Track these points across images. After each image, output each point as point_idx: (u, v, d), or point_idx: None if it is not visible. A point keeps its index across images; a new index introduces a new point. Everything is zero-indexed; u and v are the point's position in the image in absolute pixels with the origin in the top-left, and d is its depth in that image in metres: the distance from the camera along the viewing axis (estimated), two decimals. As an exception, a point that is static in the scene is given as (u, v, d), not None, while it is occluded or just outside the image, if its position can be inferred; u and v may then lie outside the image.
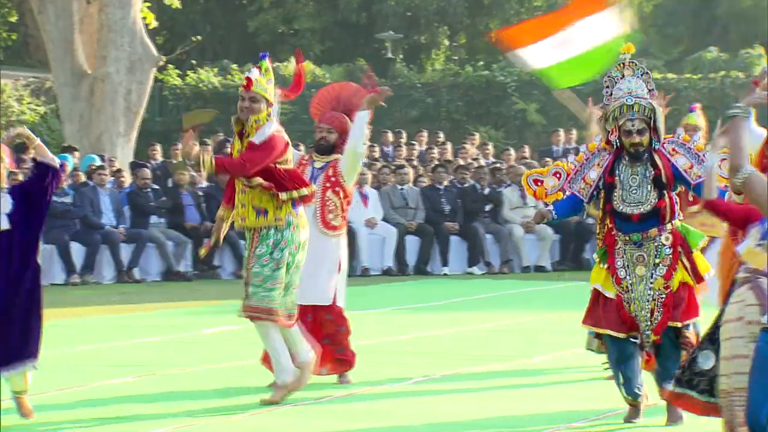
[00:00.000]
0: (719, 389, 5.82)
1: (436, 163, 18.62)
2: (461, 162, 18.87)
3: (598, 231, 7.46)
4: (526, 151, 20.54)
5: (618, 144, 7.11)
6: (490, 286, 15.70)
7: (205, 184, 17.33)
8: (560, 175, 7.56)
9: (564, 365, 9.39)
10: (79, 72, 19.96)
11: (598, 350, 8.76)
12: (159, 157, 18.97)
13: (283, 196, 7.74)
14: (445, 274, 17.25)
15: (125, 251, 16.32)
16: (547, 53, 8.65)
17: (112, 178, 17.09)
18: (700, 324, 7.08)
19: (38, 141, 7.21)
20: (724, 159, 6.60)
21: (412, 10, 31.15)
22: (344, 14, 31.33)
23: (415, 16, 31.18)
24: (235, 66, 27.58)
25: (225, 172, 7.99)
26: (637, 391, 7.06)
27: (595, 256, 7.37)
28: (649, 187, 7.01)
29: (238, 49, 31.47)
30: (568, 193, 7.36)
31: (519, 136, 25.36)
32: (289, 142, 8.04)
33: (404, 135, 20.98)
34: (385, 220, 17.71)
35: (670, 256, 7.04)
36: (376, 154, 19.75)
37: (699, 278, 7.15)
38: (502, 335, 11.28)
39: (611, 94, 7.12)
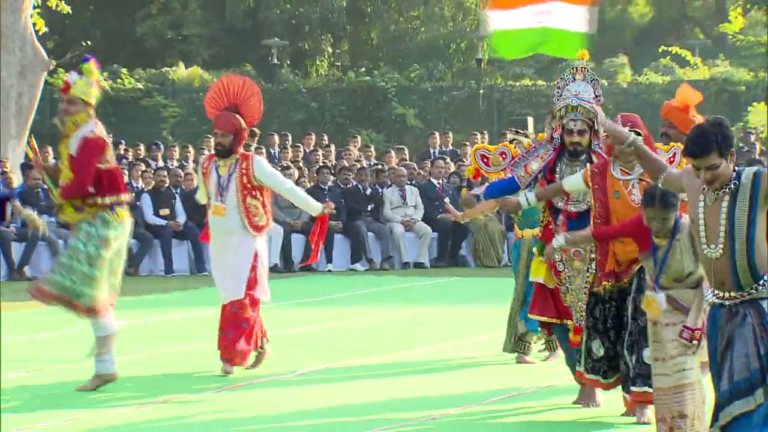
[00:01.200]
0: (655, 387, 6.08)
1: (321, 164, 18.61)
2: (345, 163, 18.90)
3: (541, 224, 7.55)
4: (406, 153, 20.66)
5: (560, 142, 7.17)
6: (371, 281, 15.75)
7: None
8: (506, 156, 7.69)
9: (442, 357, 9.47)
10: (-29, 74, 19.52)
11: (512, 351, 8.92)
12: (50, 158, 18.63)
13: (104, 200, 7.76)
14: (330, 271, 17.25)
15: (17, 250, 15.99)
16: (512, 19, 8.75)
17: (1, 177, 16.78)
18: None
19: None
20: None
21: (297, 18, 31.09)
22: (231, 21, 31.13)
23: (300, 23, 31.13)
24: (125, 70, 27.24)
25: (72, 197, 7.81)
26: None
27: (534, 249, 7.44)
28: None
29: (127, 54, 31.05)
30: (509, 175, 7.41)
31: (399, 138, 25.50)
32: (108, 142, 7.97)
33: (290, 137, 20.94)
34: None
35: None
36: (263, 156, 19.67)
37: None
38: (384, 328, 11.32)
39: (561, 95, 7.17)
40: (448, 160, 19.22)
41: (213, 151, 8.67)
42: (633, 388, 6.58)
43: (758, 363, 4.91)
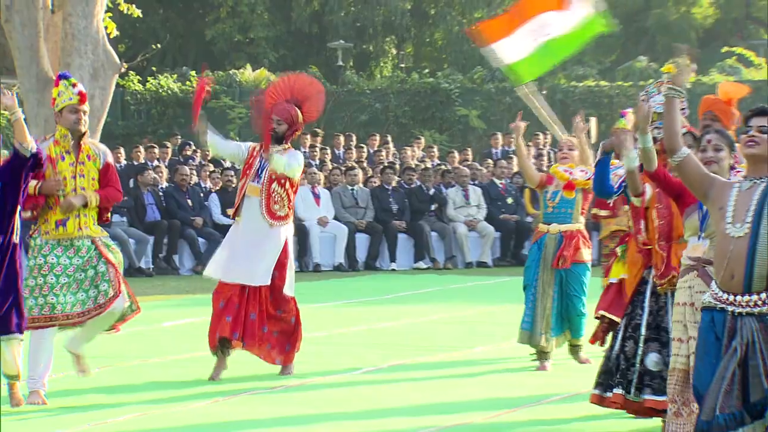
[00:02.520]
0: (672, 368, 5.93)
1: (385, 164, 18.62)
2: (410, 164, 18.90)
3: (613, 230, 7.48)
4: (469, 153, 20.61)
5: None
6: (435, 280, 15.73)
7: (165, 184, 17.22)
8: (587, 172, 7.86)
9: (504, 355, 9.43)
10: (45, 78, 19.77)
11: (527, 342, 8.87)
12: (122, 159, 18.83)
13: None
14: (393, 270, 17.25)
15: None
16: (516, 47, 8.80)
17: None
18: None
19: (19, 115, 6.89)
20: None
21: (361, 21, 31.14)
22: (297, 24, 31.26)
23: (364, 26, 31.18)
24: (193, 72, 27.45)
25: (108, 203, 7.57)
26: None
27: (619, 251, 7.37)
28: None
29: (196, 57, 31.30)
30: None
31: (462, 139, 25.43)
32: None
33: (354, 138, 20.98)
34: (336, 218, 17.70)
35: None
36: (328, 157, 19.72)
37: None
38: (447, 327, 11.30)
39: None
40: (511, 160, 19.14)
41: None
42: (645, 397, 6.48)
43: None
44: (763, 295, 4.78)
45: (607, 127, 9.74)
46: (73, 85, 7.46)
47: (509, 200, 18.18)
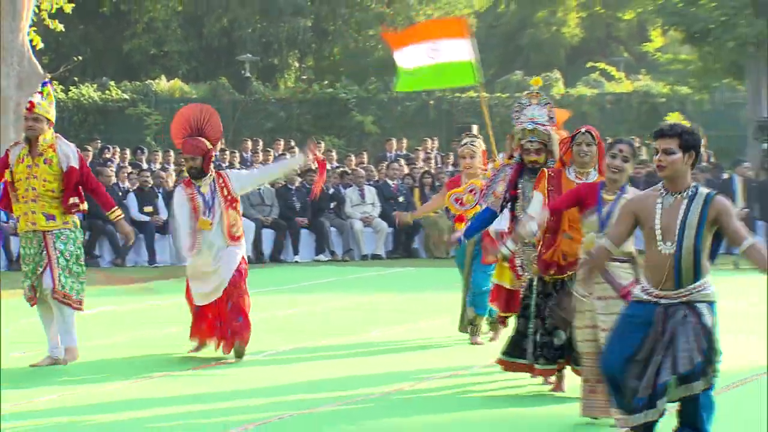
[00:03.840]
0: (585, 351, 6.06)
1: (288, 167, 18.53)
2: (311, 166, 18.83)
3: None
4: (365, 157, 20.63)
5: (520, 160, 7.19)
6: (334, 271, 15.72)
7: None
8: (475, 192, 7.87)
9: (398, 338, 9.45)
10: (-26, 86, 19.29)
11: (469, 332, 8.94)
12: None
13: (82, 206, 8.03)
14: (296, 262, 17.20)
15: (15, 243, 15.82)
16: (409, 58, 8.97)
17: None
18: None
19: None
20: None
21: (267, 37, 30.96)
22: (208, 39, 30.95)
23: (269, 41, 31.01)
24: (112, 82, 27.02)
25: (106, 202, 8.23)
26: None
27: (499, 256, 7.41)
28: None
29: (114, 68, 30.79)
30: (483, 206, 7.40)
31: (358, 144, 25.46)
32: None
33: (261, 143, 20.85)
34: (244, 215, 17.55)
35: None
36: (237, 159, 19.57)
37: None
38: (346, 313, 11.29)
39: (519, 119, 7.18)
40: (403, 162, 19.24)
41: (186, 176, 8.35)
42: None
43: (701, 357, 4.93)
44: (690, 286, 4.98)
45: (485, 134, 9.85)
46: (30, 96, 7.72)
47: (401, 199, 18.26)
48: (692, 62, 25.33)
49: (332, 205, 18.00)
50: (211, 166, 8.29)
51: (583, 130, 6.59)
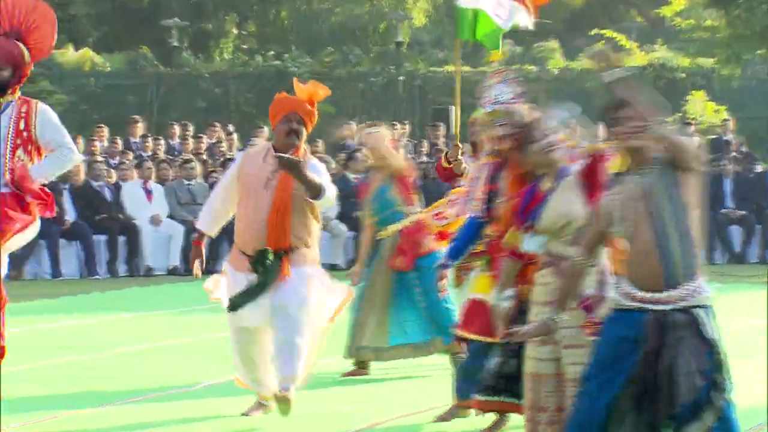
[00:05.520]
0: (525, 372, 6.02)
1: (227, 157, 18.54)
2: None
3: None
4: (320, 145, 20.60)
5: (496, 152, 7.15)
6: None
7: None
8: (457, 202, 7.87)
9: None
10: None
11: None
12: None
13: None
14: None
15: None
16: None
17: None
18: None
19: None
20: None
21: (199, -4, 30.90)
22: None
23: (202, 2, 30.94)
24: None
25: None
26: None
27: (478, 264, 7.42)
28: None
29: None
30: (466, 216, 7.37)
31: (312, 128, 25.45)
32: None
33: (191, 128, 20.82)
34: (170, 216, 17.56)
35: None
36: (162, 148, 19.54)
37: None
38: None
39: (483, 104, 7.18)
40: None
41: None
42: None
43: (703, 381, 4.87)
44: (688, 283, 4.93)
45: (465, 119, 9.89)
46: None
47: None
48: (719, 29, 25.55)
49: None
50: (18, 88, 7.22)
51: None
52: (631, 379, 4.92)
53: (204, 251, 7.74)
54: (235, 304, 7.22)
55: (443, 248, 8.75)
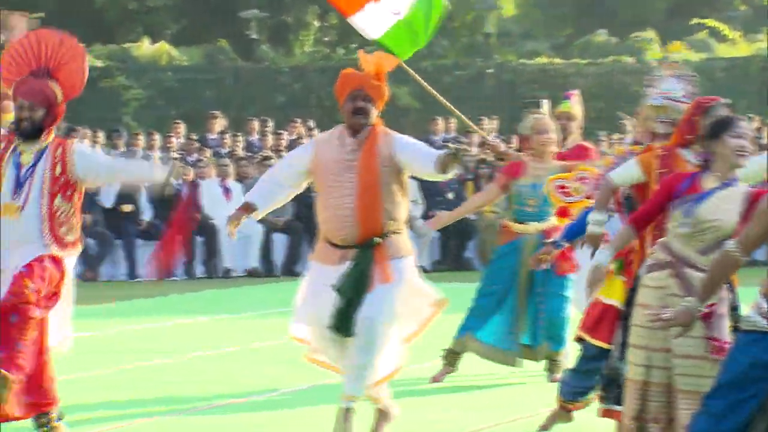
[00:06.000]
0: (626, 377, 5.97)
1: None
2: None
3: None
4: (403, 140, 20.58)
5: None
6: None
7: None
8: (586, 180, 7.78)
9: (452, 373, 9.46)
10: None
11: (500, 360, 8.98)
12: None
13: None
14: (316, 276, 17.25)
15: None
16: (377, 19, 8.78)
17: None
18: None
19: None
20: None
21: (278, -13, 31.07)
22: (203, -10, 31.11)
23: (282, -7, 31.13)
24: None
25: None
26: None
27: (611, 266, 7.39)
28: None
29: (84, 28, 31.02)
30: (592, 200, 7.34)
31: (395, 123, 25.45)
32: None
33: (271, 123, 20.94)
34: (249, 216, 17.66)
35: None
36: (240, 144, 19.67)
37: None
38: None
39: (650, 94, 7.03)
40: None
41: (12, 130, 7.04)
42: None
43: None
44: None
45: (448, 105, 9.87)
46: None
47: (450, 195, 18.26)
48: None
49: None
50: (54, 129, 6.99)
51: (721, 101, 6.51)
52: (763, 406, 4.84)
53: (241, 221, 7.44)
54: (336, 326, 7.05)
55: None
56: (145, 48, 27.58)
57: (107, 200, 17.13)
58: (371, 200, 6.98)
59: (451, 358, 9.17)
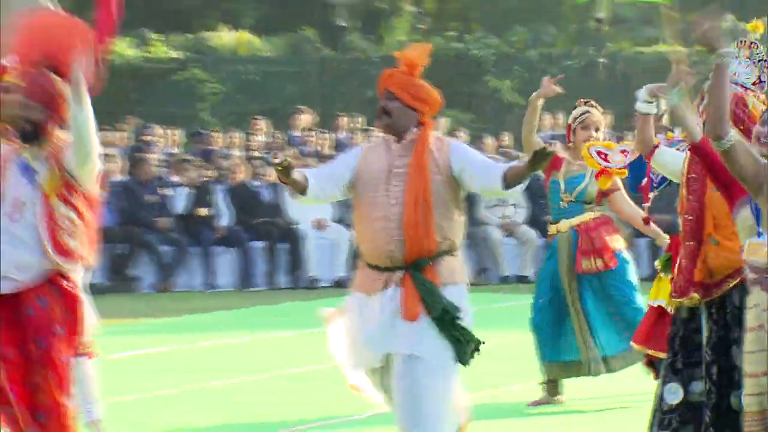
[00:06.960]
0: (745, 411, 5.88)
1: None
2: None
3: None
4: (506, 138, 20.60)
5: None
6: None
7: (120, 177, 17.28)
8: (627, 152, 7.86)
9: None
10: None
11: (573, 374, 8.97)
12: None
13: None
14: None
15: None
16: None
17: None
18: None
19: None
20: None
21: (369, -30, 31.20)
22: (287, -26, 31.32)
23: (373, -24, 31.24)
24: (155, 36, 27.48)
25: None
26: None
27: (657, 264, 7.37)
28: None
29: (158, 17, 31.38)
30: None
31: (495, 120, 25.45)
32: None
33: (360, 119, 21.01)
34: (337, 221, 17.71)
35: None
36: (327, 143, 19.76)
37: None
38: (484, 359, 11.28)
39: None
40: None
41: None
42: None
43: None
44: None
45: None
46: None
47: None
48: None
49: (460, 206, 18.04)
50: (56, 129, 6.54)
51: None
52: None
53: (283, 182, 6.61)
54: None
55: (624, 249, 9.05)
56: (224, 38, 27.78)
57: (179, 204, 17.27)
58: (421, 212, 6.45)
59: (551, 387, 9.19)
